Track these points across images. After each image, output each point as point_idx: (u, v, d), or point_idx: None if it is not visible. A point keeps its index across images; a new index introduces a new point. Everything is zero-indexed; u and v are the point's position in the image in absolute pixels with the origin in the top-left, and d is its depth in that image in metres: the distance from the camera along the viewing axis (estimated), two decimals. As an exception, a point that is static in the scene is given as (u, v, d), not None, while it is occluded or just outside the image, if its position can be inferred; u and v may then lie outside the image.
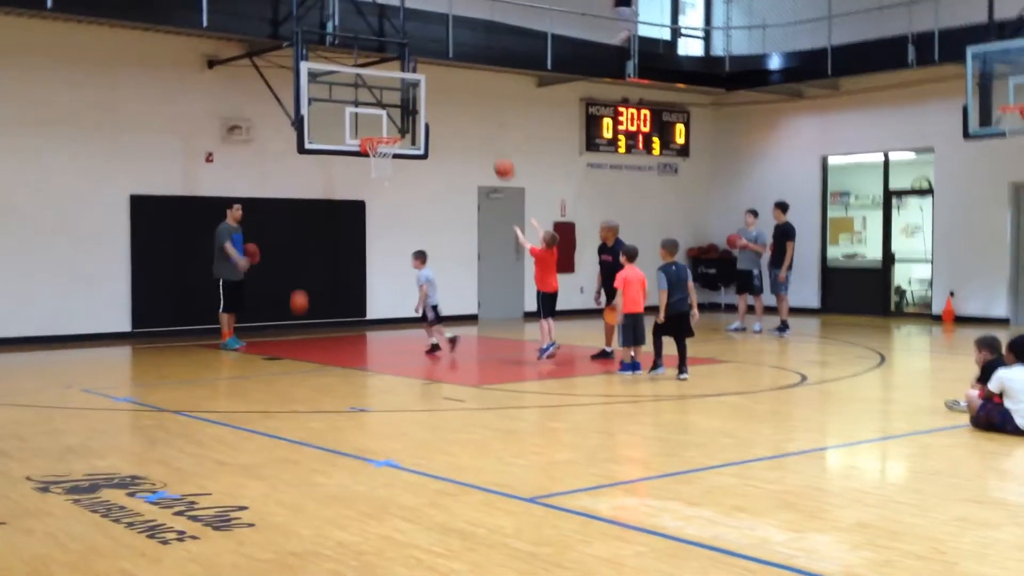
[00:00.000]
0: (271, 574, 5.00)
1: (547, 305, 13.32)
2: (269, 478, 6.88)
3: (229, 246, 14.40)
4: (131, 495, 6.40)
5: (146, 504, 6.18)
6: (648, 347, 11.85)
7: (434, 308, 14.02)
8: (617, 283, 11.95)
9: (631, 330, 11.88)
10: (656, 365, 11.63)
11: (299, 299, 14.63)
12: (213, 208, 15.28)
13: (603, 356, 13.28)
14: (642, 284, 11.94)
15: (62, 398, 10.35)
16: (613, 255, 12.86)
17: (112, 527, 5.73)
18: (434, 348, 14.09)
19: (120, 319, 15.85)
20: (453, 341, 14.00)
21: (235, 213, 14.72)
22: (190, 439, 8.24)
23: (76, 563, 5.13)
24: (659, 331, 11.63)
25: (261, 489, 6.57)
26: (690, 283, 11.65)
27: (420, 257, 14.15)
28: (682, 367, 11.45)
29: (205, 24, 14.60)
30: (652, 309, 11.79)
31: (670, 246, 11.82)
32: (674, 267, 11.55)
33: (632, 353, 11.91)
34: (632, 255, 12.03)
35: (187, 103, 16.30)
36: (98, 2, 14.17)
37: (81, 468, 7.16)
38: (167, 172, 16.20)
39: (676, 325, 11.56)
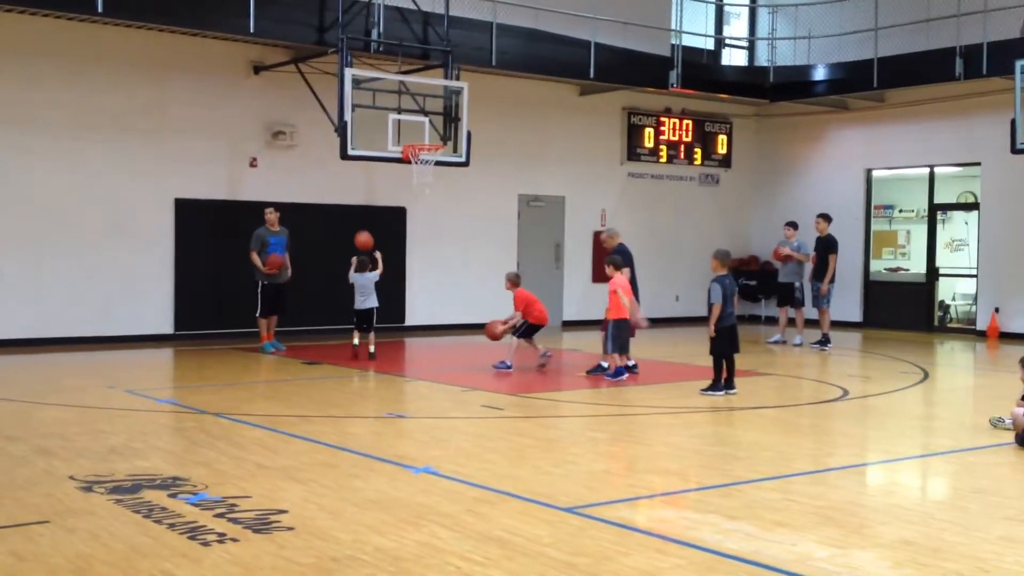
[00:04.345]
0: (310, 578, 5.03)
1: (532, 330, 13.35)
2: (308, 482, 6.92)
3: (254, 256, 14.52)
4: (173, 496, 6.46)
5: (187, 505, 6.24)
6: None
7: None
8: (612, 287, 12.21)
9: (619, 337, 12.10)
10: (721, 386, 11.17)
11: (363, 237, 14.27)
12: (256, 212, 15.39)
13: (600, 371, 12.84)
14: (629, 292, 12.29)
15: (106, 399, 10.48)
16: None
17: (154, 528, 5.79)
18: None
19: (163, 321, 16.02)
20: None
21: (269, 216, 14.82)
22: (230, 441, 8.31)
23: (118, 562, 5.18)
24: (718, 349, 11.21)
25: (300, 493, 6.61)
26: (735, 296, 11.51)
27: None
28: (730, 382, 11.27)
29: (252, 30, 14.74)
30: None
31: (723, 257, 11.47)
32: (728, 280, 11.30)
33: (618, 359, 12.17)
34: (618, 265, 12.30)
35: (233, 108, 16.46)
36: (147, 7, 14.36)
37: (124, 468, 7.24)
38: (212, 176, 16.36)
39: (732, 339, 11.31)
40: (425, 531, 5.78)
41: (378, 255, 14.12)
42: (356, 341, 14.05)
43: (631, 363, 12.94)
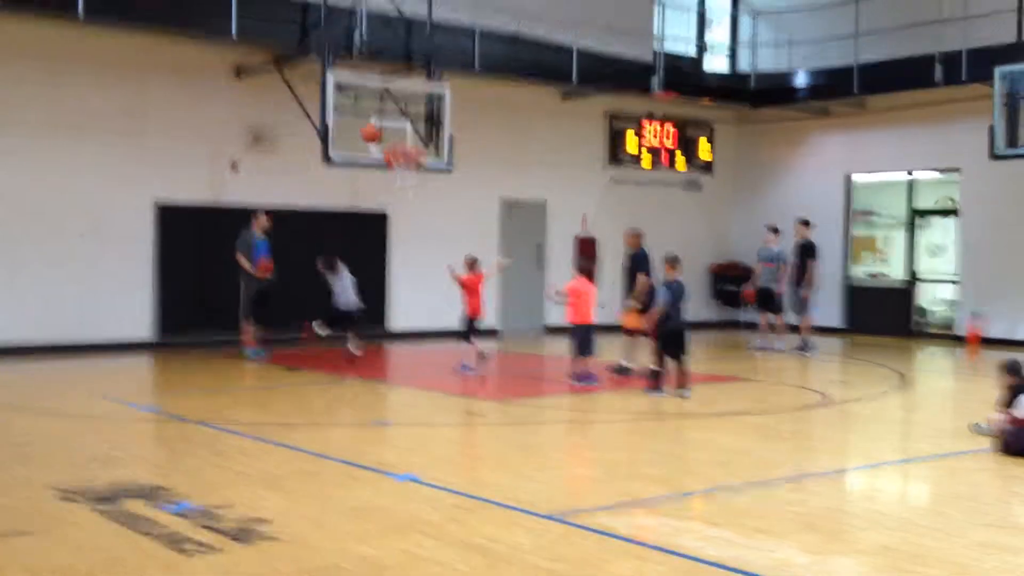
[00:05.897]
0: (292, 587, 5.02)
1: (473, 328, 13.58)
2: (291, 491, 6.90)
3: (242, 258, 14.51)
4: (154, 505, 6.43)
5: (169, 515, 6.21)
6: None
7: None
8: (570, 291, 12.38)
9: (582, 341, 12.24)
10: (658, 386, 11.38)
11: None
12: (238, 217, 15.34)
13: (622, 372, 13.22)
14: (592, 296, 12.35)
15: (86, 406, 10.42)
16: (632, 260, 13.23)
17: (135, 537, 5.76)
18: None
19: (144, 327, 15.93)
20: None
21: (260, 221, 14.80)
22: (212, 450, 8.28)
23: (98, 573, 5.16)
24: (661, 350, 11.40)
25: (283, 501, 6.60)
26: (684, 300, 11.62)
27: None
28: (683, 385, 11.39)
29: (234, 33, 14.71)
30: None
31: (673, 261, 11.73)
32: (676, 284, 11.50)
33: (584, 365, 12.28)
34: (583, 269, 12.54)
35: (214, 111, 16.40)
36: (129, 9, 14.30)
37: (104, 477, 7.20)
38: (193, 180, 16.28)
39: (676, 342, 11.45)
40: (408, 539, 5.78)
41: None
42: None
43: (625, 365, 13.07)
